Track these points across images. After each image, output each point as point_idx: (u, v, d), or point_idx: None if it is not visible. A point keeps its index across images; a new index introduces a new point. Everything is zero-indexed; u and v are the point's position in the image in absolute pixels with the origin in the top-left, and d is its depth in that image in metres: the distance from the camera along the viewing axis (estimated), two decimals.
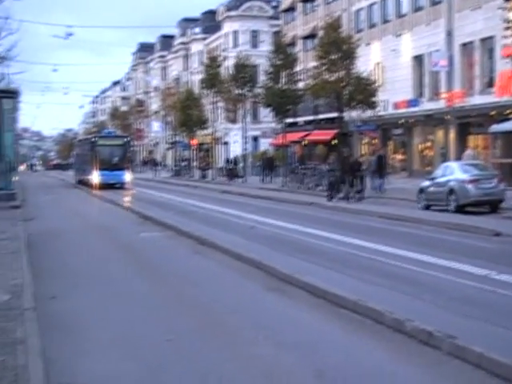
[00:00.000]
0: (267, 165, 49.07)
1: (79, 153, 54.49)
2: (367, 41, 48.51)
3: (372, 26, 49.33)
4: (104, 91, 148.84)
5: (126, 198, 33.57)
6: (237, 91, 49.11)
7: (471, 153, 33.56)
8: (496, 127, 33.61)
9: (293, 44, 56.81)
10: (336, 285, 10.22)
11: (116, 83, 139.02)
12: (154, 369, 6.99)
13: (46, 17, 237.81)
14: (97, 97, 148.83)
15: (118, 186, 41.83)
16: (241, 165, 55.09)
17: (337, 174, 29.67)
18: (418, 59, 43.64)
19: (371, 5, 49.56)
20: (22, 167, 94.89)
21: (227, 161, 58.42)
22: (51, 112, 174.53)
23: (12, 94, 29.88)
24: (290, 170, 42.72)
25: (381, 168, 33.31)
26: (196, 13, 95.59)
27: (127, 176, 42.94)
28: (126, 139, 46.66)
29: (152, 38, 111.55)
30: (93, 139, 45.13)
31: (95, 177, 42.18)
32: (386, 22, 47.58)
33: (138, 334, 8.27)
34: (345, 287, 10.06)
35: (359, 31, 49.41)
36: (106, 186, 40.50)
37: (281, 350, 7.54)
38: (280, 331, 8.31)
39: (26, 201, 30.70)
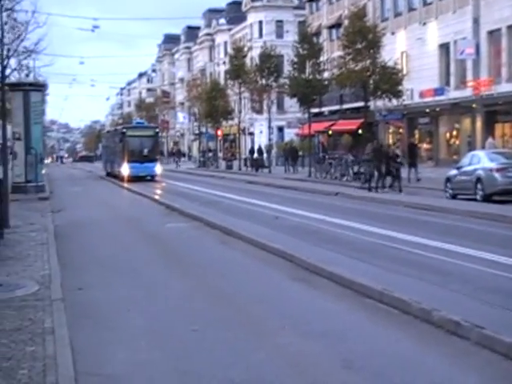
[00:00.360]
0: (290, 155, 49.06)
1: (108, 144, 52.84)
2: (393, 29, 48.13)
3: (397, 14, 48.94)
4: (130, 83, 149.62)
5: (154, 190, 33.23)
6: (262, 81, 49.04)
7: (492, 141, 33.26)
8: None
9: (318, 34, 56.60)
10: (362, 275, 10.18)
11: (142, 75, 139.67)
12: (180, 358, 7.03)
13: (73, 9, 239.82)
14: (123, 88, 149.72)
15: (149, 179, 40.46)
16: (265, 155, 55.07)
17: (372, 164, 28.77)
18: (444, 47, 43.24)
19: None
20: (49, 159, 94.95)
21: (251, 151, 58.32)
22: (78, 104, 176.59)
23: (39, 87, 30.13)
24: (315, 160, 42.62)
25: (412, 157, 32.61)
26: (221, 3, 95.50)
27: (158, 168, 41.36)
28: (156, 130, 44.91)
29: (178, 29, 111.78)
30: (122, 130, 43.10)
31: (125, 169, 40.46)
32: (411, 10, 47.18)
33: (164, 324, 8.32)
34: (371, 277, 10.02)
35: (384, 20, 49.04)
36: (135, 179, 38.84)
37: (307, 340, 7.54)
38: (306, 321, 8.31)
39: (54, 192, 30.99)
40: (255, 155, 55.30)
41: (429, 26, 44.68)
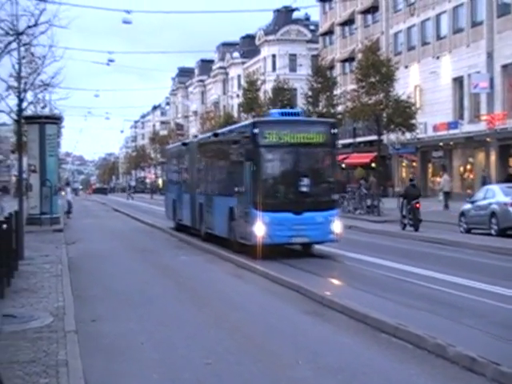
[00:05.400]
0: None
1: (188, 168, 25.48)
2: (406, 63, 48.42)
3: (411, 48, 49.27)
4: (144, 116, 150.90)
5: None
6: None
7: (448, 178, 33.39)
8: None
9: (331, 67, 57.01)
10: (376, 309, 10.13)
11: (156, 108, 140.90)
12: None
13: (91, 42, 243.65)
14: (137, 121, 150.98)
15: (298, 248, 18.97)
16: None
17: None
18: (458, 81, 43.41)
19: (410, 27, 49.55)
20: (63, 192, 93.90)
21: None
22: (93, 137, 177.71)
23: (55, 120, 30.45)
24: None
25: None
26: (235, 37, 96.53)
27: (335, 224, 17.72)
28: (332, 129, 18.33)
29: (193, 62, 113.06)
30: (251, 130, 17.69)
31: (258, 227, 16.95)
32: (425, 44, 47.48)
33: (178, 357, 8.29)
34: (385, 311, 9.97)
35: (398, 54, 49.40)
36: (277, 249, 17.60)
37: (321, 375, 7.49)
38: (320, 355, 8.26)
39: (68, 224, 31.07)
40: None
41: (442, 59, 44.91)
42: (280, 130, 17.64)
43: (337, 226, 17.61)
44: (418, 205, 24.29)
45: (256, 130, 17.44)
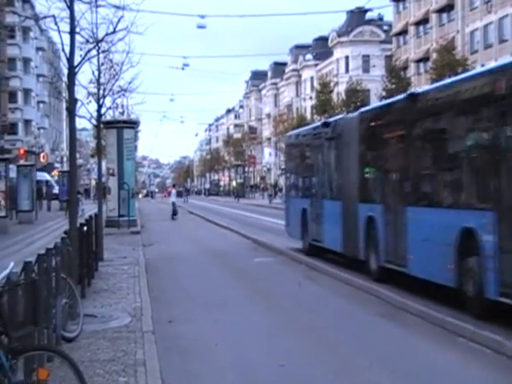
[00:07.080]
0: None
1: (336, 161, 16.67)
2: (483, 62, 47.32)
3: (487, 46, 48.14)
4: (218, 119, 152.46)
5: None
6: None
7: None
8: None
9: (405, 68, 56.29)
10: (452, 313, 9.97)
11: (230, 111, 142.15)
12: None
13: (166, 47, 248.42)
14: (211, 124, 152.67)
15: None
16: None
17: None
18: None
19: (487, 25, 48.44)
20: (140, 195, 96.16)
21: None
22: (168, 140, 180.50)
23: (132, 124, 31.15)
24: None
25: None
26: (308, 39, 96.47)
27: None
28: None
29: (266, 65, 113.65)
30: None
31: None
32: (502, 41, 46.32)
33: (252, 359, 8.38)
34: (461, 316, 9.79)
35: (474, 52, 48.35)
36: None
37: (396, 378, 7.44)
38: (394, 358, 8.20)
39: (145, 227, 31.67)
40: None
41: None
42: None
43: None
44: None
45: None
